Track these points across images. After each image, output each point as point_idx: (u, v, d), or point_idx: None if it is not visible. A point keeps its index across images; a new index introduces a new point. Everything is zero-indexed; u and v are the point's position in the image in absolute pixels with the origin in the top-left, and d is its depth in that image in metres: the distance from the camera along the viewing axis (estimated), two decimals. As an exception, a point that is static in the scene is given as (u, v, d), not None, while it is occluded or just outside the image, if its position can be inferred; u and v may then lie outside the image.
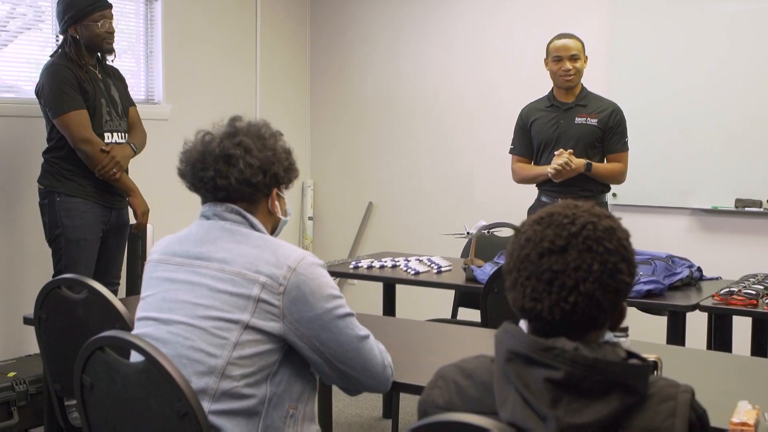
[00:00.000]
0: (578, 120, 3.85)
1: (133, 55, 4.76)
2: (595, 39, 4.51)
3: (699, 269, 3.30)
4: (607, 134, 3.85)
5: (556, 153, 3.78)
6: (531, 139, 3.97)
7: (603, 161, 3.88)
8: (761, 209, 4.35)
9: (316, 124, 5.82)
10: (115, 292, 3.90)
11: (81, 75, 3.63)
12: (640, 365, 1.21)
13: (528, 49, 5.01)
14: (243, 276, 1.79)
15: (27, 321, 2.62)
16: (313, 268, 1.82)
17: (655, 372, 1.85)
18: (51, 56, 3.73)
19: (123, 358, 1.80)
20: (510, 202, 5.03)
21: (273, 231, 2.01)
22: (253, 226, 1.90)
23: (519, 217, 4.70)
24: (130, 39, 4.73)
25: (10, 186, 4.05)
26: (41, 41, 4.31)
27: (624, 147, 3.87)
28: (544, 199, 3.93)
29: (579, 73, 3.84)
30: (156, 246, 1.97)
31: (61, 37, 3.73)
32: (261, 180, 1.91)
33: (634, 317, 3.67)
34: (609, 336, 1.31)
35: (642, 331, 3.75)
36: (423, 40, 5.37)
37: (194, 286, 1.82)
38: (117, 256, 3.90)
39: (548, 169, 3.78)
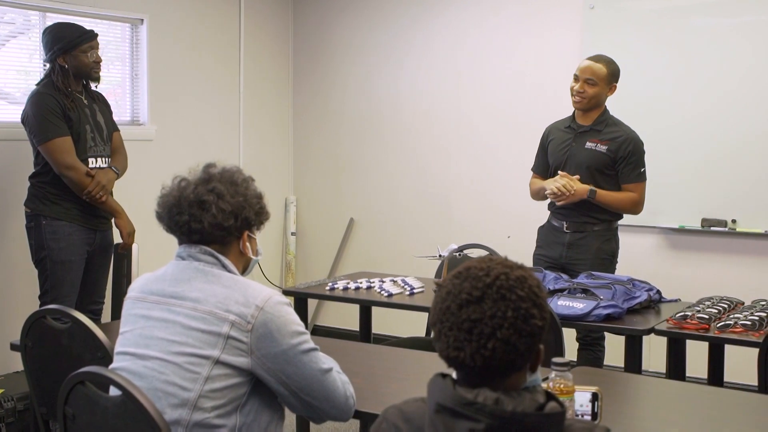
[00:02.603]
0: (588, 145, 3.81)
1: (119, 77, 4.89)
2: (566, 62, 4.66)
3: (658, 292, 3.44)
4: (619, 163, 3.77)
5: (560, 172, 3.80)
6: (547, 158, 3.98)
7: (617, 189, 3.81)
8: (726, 229, 4.51)
9: (298, 142, 5.96)
10: (99, 312, 4.04)
11: (66, 103, 3.76)
12: (553, 414, 1.34)
13: (500, 73, 5.17)
14: (214, 315, 1.93)
15: (14, 347, 2.75)
16: (279, 306, 1.97)
17: (596, 403, 2.00)
18: (37, 84, 3.86)
19: (102, 391, 1.95)
20: (487, 221, 5.20)
21: (245, 269, 2.14)
22: (225, 267, 2.03)
23: (497, 235, 4.91)
24: (116, 62, 4.86)
25: (-1, 208, 4.19)
26: (30, 48, 4.45)
27: (638, 178, 3.79)
28: (553, 222, 3.94)
29: (590, 98, 3.78)
30: (134, 284, 2.11)
31: (47, 65, 3.85)
32: (233, 224, 2.05)
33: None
34: (533, 378, 1.44)
35: (606, 352, 3.91)
36: (401, 60, 5.52)
37: (169, 323, 1.96)
38: (102, 277, 4.04)
39: (546, 187, 3.77)
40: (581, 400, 1.98)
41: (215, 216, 2.02)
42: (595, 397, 1.99)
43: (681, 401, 2.42)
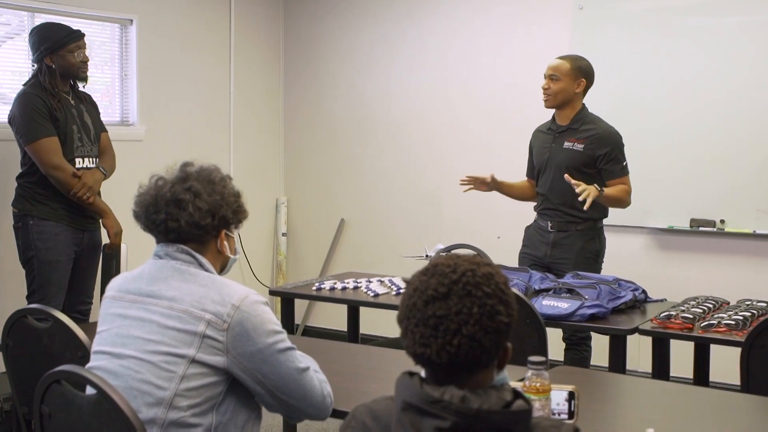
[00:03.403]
0: (566, 145, 3.80)
1: (109, 77, 4.89)
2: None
3: (644, 292, 3.44)
4: (600, 161, 3.75)
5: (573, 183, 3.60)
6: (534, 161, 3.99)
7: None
8: (715, 229, 4.51)
9: (289, 142, 5.96)
10: (88, 312, 4.03)
11: (53, 103, 3.76)
12: (519, 411, 1.33)
13: (490, 73, 5.17)
14: (190, 313, 1.93)
15: (-5, 347, 2.75)
16: (256, 305, 1.96)
17: (573, 402, 1.99)
18: (24, 85, 3.85)
19: (80, 390, 1.94)
20: (478, 221, 5.19)
21: (223, 268, 2.14)
22: (201, 266, 2.03)
23: (487, 235, 4.90)
24: (106, 62, 4.86)
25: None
26: (25, 49, 4.43)
27: (622, 172, 3.78)
28: (539, 221, 3.95)
29: (555, 93, 3.78)
30: (112, 283, 2.11)
31: (35, 66, 3.85)
32: (210, 222, 2.04)
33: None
34: (501, 376, 1.43)
35: (593, 352, 3.91)
36: (392, 60, 5.52)
37: (145, 322, 1.96)
38: (90, 277, 4.03)
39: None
40: (557, 399, 1.98)
41: (192, 215, 2.02)
42: (571, 396, 1.99)
43: (662, 401, 2.41)
